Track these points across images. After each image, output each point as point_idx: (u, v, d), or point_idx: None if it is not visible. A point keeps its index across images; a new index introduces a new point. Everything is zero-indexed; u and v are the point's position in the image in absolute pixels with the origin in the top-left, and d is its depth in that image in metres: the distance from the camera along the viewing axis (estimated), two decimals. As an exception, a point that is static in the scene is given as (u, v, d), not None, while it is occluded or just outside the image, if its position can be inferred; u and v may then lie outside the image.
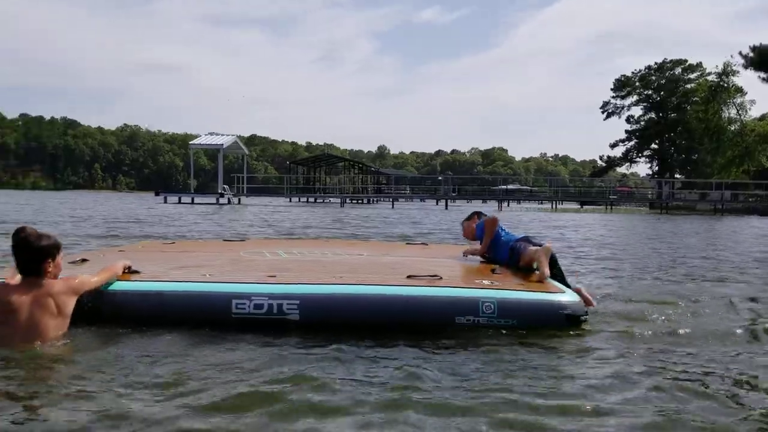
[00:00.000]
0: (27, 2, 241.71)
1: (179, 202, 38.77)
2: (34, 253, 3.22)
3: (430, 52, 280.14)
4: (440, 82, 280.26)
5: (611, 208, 44.95)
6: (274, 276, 3.87)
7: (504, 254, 4.84)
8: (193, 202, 38.53)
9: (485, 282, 3.88)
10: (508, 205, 51.22)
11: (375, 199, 52.92)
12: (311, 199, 49.97)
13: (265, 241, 7.30)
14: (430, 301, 3.58)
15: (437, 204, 48.43)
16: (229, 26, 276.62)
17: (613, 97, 65.42)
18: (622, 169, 73.94)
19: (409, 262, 4.88)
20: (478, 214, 5.59)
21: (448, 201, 45.80)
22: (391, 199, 47.03)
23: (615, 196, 52.02)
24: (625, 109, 65.26)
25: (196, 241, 7.60)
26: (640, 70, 64.06)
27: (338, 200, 45.02)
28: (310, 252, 5.48)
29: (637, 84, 63.85)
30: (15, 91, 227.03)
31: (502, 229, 5.14)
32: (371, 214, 26.04)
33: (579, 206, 51.41)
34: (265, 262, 4.68)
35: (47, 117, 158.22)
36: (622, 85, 64.68)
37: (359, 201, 51.05)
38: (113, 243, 10.05)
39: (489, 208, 44.48)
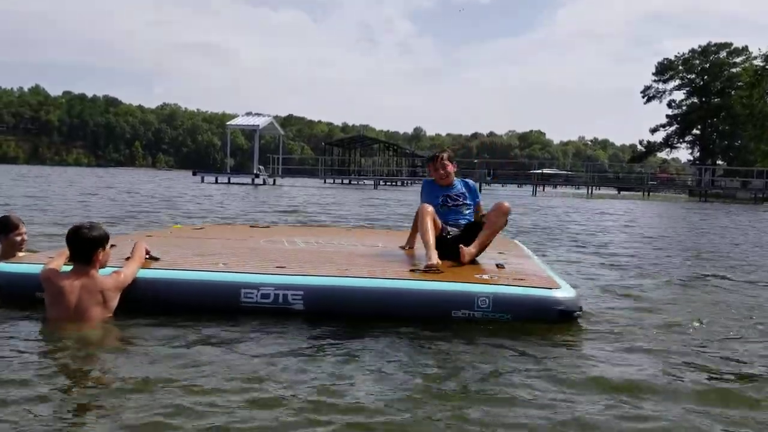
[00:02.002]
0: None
1: (216, 182, 39.40)
2: (86, 243, 3.51)
3: (468, 33, 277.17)
4: (478, 64, 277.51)
5: (648, 195, 44.23)
6: (284, 267, 4.03)
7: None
8: (229, 182, 39.10)
9: (485, 276, 3.99)
10: (543, 190, 50.76)
11: (409, 182, 52.93)
12: (345, 181, 50.22)
13: (287, 229, 7.52)
14: (427, 295, 3.70)
15: (471, 188, 48.18)
16: (268, 7, 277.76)
17: (654, 80, 64.08)
18: (662, 155, 72.57)
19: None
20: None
21: (483, 185, 45.60)
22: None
23: (653, 182, 51.09)
24: (666, 93, 63.90)
25: (224, 226, 7.83)
26: (683, 54, 62.50)
27: (371, 182, 45.15)
28: (327, 242, 5.63)
29: (680, 68, 62.35)
30: (58, 69, 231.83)
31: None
32: (402, 198, 26.13)
33: (616, 192, 50.72)
34: (281, 252, 4.85)
35: (89, 95, 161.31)
36: (665, 69, 63.24)
37: (393, 183, 51.12)
38: (153, 222, 10.37)
39: (524, 192, 44.15)
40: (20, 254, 4.44)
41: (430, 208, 4.81)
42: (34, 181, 31.22)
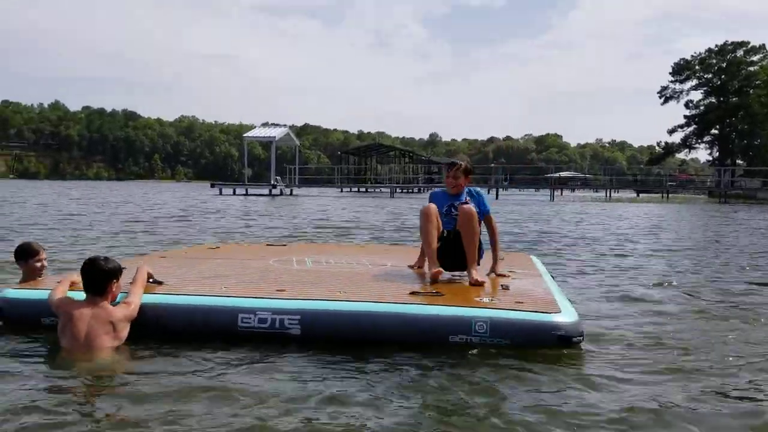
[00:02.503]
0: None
1: (234, 194, 39.68)
2: (101, 275, 3.63)
3: (482, 36, 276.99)
4: (493, 67, 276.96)
5: (668, 197, 43.84)
6: (283, 290, 4.04)
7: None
8: (247, 194, 39.36)
9: (484, 299, 3.93)
10: (561, 194, 50.49)
11: (425, 188, 52.90)
12: (362, 189, 50.34)
13: (300, 247, 7.48)
14: (424, 320, 3.65)
15: (488, 193, 48.15)
16: (282, 15, 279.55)
17: (671, 81, 63.47)
18: (681, 156, 71.81)
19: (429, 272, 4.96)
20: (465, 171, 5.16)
21: (500, 190, 45.46)
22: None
23: (672, 183, 50.59)
24: (684, 93, 63.27)
25: (240, 246, 7.86)
26: (699, 53, 61.92)
27: (388, 190, 45.23)
28: (337, 261, 5.65)
29: (697, 67, 61.74)
30: (78, 83, 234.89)
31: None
32: (419, 206, 26.09)
33: (635, 194, 50.31)
34: (287, 273, 4.87)
35: (108, 109, 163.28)
36: (681, 69, 62.65)
37: (410, 190, 51.16)
38: (178, 239, 10.50)
39: (542, 197, 43.97)
40: (39, 280, 4.54)
41: (432, 209, 4.86)
42: (56, 194, 31.63)
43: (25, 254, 4.61)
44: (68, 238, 10.48)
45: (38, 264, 4.58)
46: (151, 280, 4.16)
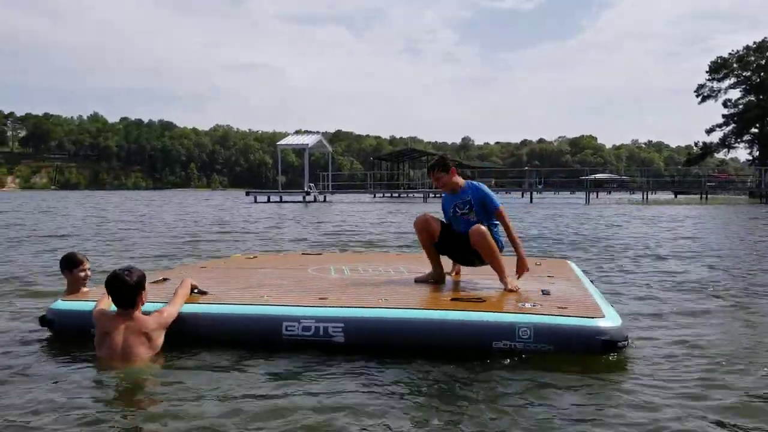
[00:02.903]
0: (124, 8, 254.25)
1: (268, 201, 40.09)
2: (129, 289, 3.69)
3: (513, 39, 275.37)
4: (524, 70, 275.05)
5: (707, 198, 42.95)
6: (326, 298, 4.07)
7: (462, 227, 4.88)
8: (281, 201, 39.75)
9: (526, 305, 3.89)
10: (597, 196, 49.86)
11: (459, 193, 52.66)
12: (395, 194, 50.42)
13: (336, 256, 7.45)
14: (467, 326, 3.63)
15: (522, 196, 47.76)
16: (313, 24, 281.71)
17: (708, 79, 62.22)
18: (719, 155, 70.31)
19: (471, 280, 4.96)
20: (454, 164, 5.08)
21: (534, 193, 45.10)
22: (474, 193, 46.58)
23: (711, 184, 49.55)
24: (722, 92, 61.96)
25: (276, 255, 7.92)
26: (737, 51, 60.60)
27: (421, 195, 45.22)
28: (374, 269, 5.65)
29: (735, 65, 60.44)
30: (115, 95, 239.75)
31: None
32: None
33: (673, 196, 49.41)
34: (326, 282, 4.90)
35: (145, 120, 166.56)
36: (719, 67, 61.37)
37: (442, 195, 51.02)
38: (215, 248, 10.68)
39: (577, 199, 43.48)
40: (84, 289, 4.68)
41: (419, 219, 4.95)
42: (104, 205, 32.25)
43: (70, 264, 4.74)
44: (109, 248, 10.75)
45: (82, 273, 4.70)
46: (195, 291, 4.25)
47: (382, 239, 12.86)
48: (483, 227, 4.68)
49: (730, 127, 62.04)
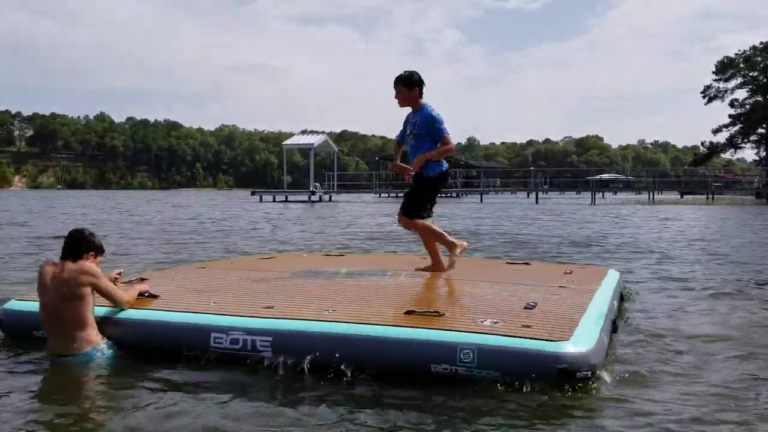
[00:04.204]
0: (130, 8, 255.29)
1: (273, 200, 40.15)
2: (74, 243, 3.74)
3: (518, 39, 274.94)
4: (530, 70, 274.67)
5: (713, 198, 42.78)
6: (272, 307, 3.71)
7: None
8: (286, 200, 39.80)
9: (486, 322, 3.35)
10: (603, 197, 49.72)
11: (464, 193, 52.70)
12: (400, 194, 50.38)
13: (329, 258, 6.62)
14: (405, 345, 3.18)
15: (528, 197, 47.67)
16: (318, 24, 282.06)
17: (715, 79, 62.00)
18: (726, 155, 70.06)
19: (459, 288, 4.54)
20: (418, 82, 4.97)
21: (539, 193, 45.01)
22: (479, 193, 46.66)
23: (718, 184, 49.31)
24: (728, 92, 61.73)
25: (289, 257, 7.62)
26: (744, 51, 60.41)
27: (427, 195, 45.11)
28: (362, 272, 5.14)
29: (742, 65, 60.23)
30: (122, 95, 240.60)
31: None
32: (458, 212, 26.04)
33: (679, 196, 49.23)
34: (298, 287, 4.47)
35: (151, 120, 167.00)
36: (725, 67, 61.15)
37: (448, 195, 51.01)
38: (228, 248, 10.71)
39: (583, 199, 43.36)
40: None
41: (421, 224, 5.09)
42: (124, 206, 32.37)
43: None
44: (121, 247, 10.79)
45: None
46: (146, 294, 4.03)
47: (397, 238, 12.85)
48: (404, 218, 5.03)
49: (736, 128, 61.80)
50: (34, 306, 3.80)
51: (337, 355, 3.23)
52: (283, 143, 48.24)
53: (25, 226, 16.14)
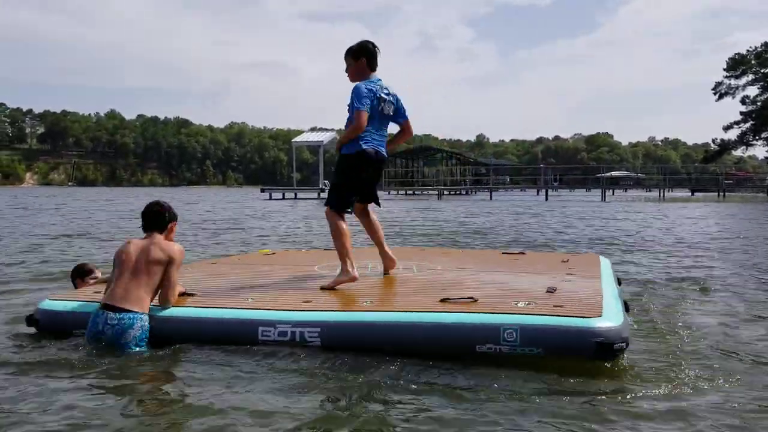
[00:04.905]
0: (141, 6, 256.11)
1: (283, 198, 40.27)
2: (158, 215, 4.02)
3: (528, 36, 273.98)
4: (540, 67, 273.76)
5: (724, 196, 42.58)
6: (310, 302, 3.87)
7: None
8: (295, 197, 39.92)
9: (519, 305, 3.58)
10: (613, 194, 49.57)
11: (473, 190, 52.66)
12: (409, 192, 50.43)
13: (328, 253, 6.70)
14: (449, 329, 3.39)
15: (538, 194, 47.58)
16: (328, 21, 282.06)
17: (726, 76, 61.62)
18: (737, 153, 69.69)
19: (476, 277, 4.71)
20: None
21: (549, 191, 44.92)
22: (489, 190, 46.62)
23: (729, 181, 49.05)
24: (739, 89, 61.34)
25: (292, 251, 7.66)
26: (755, 48, 59.97)
27: (435, 192, 45.20)
28: (374, 266, 5.26)
29: (753, 62, 59.82)
30: (132, 93, 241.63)
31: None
32: (470, 209, 26.02)
33: (690, 194, 48.98)
34: (320, 282, 4.58)
35: (161, 117, 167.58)
36: (736, 64, 60.75)
37: (457, 192, 50.99)
38: (242, 243, 10.80)
39: (593, 197, 43.23)
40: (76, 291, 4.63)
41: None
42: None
43: (82, 273, 4.81)
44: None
45: (92, 281, 4.72)
46: (183, 293, 4.09)
47: (397, 234, 12.90)
48: (328, 211, 4.54)
49: (748, 124, 61.43)
50: (68, 306, 3.92)
51: (387, 343, 3.43)
52: (293, 141, 48.37)
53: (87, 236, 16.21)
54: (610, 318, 3.38)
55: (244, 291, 4.21)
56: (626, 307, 4.15)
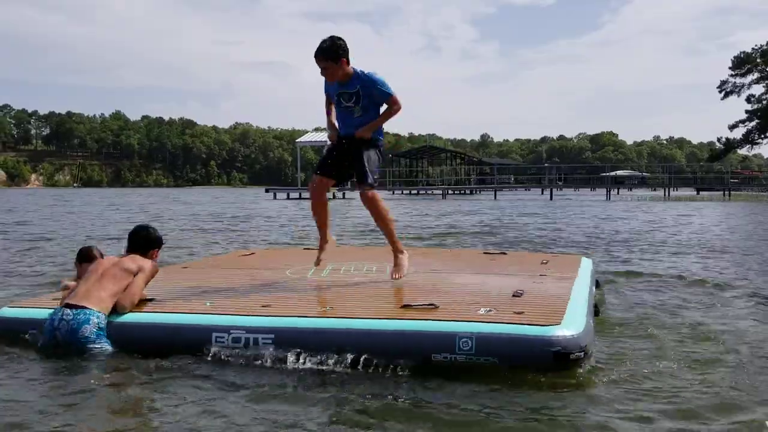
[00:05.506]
0: (144, 7, 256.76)
1: (288, 198, 40.29)
2: (144, 239, 4.15)
3: (531, 35, 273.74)
4: (544, 66, 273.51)
5: (730, 195, 42.42)
6: (269, 306, 3.77)
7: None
8: (300, 197, 39.91)
9: (480, 311, 3.49)
10: (618, 193, 49.45)
11: (477, 190, 52.63)
12: (413, 191, 50.42)
13: (309, 252, 6.47)
14: (405, 337, 3.30)
15: (542, 193, 47.53)
16: (332, 21, 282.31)
17: (731, 75, 61.40)
18: (742, 151, 69.44)
19: (447, 280, 4.62)
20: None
21: (554, 190, 44.86)
22: (493, 190, 46.56)
23: (734, 180, 48.87)
24: (745, 87, 61.11)
25: (271, 251, 7.67)
26: (760, 46, 59.74)
27: (440, 192, 45.18)
28: (358, 269, 5.19)
29: (758, 60, 59.60)
30: (137, 94, 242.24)
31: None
32: (473, 208, 26.00)
33: (695, 193, 48.85)
34: (291, 285, 4.55)
35: (166, 118, 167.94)
36: (742, 63, 60.52)
37: (462, 192, 50.97)
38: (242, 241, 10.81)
39: (598, 196, 43.16)
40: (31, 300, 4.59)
41: (315, 184, 4.84)
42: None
43: (85, 258, 4.80)
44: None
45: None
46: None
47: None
48: (372, 194, 4.65)
49: (753, 123, 61.22)
50: (27, 313, 3.84)
51: (341, 349, 3.32)
52: (297, 140, 48.40)
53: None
54: (570, 326, 3.26)
55: (206, 295, 4.13)
56: (596, 311, 4.06)
